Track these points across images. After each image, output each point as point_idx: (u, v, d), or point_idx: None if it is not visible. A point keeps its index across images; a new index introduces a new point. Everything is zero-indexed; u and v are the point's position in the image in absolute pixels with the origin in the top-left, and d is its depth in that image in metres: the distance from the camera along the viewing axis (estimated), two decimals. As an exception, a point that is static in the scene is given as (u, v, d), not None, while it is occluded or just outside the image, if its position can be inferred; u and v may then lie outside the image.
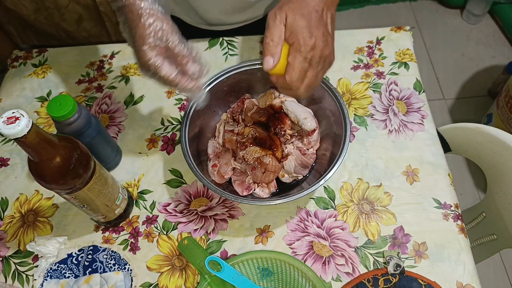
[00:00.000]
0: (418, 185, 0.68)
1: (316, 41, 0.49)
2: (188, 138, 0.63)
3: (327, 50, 0.51)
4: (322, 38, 0.49)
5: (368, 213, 0.66)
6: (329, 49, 0.51)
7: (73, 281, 0.62)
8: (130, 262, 0.63)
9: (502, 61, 1.81)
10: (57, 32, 1.49)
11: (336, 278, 0.61)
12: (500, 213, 0.76)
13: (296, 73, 0.50)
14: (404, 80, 0.79)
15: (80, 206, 0.58)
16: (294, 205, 0.67)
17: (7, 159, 0.74)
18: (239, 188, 0.64)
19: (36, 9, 1.40)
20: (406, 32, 0.86)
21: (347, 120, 0.62)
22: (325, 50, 0.50)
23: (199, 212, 0.67)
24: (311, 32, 0.49)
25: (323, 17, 0.51)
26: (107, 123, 0.77)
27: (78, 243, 0.65)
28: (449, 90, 1.78)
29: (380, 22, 1.98)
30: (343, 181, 0.69)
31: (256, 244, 0.64)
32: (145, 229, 0.66)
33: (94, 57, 0.86)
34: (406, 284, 0.58)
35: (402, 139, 0.72)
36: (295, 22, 0.49)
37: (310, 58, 0.49)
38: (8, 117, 0.43)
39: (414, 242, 0.63)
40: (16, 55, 0.87)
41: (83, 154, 0.53)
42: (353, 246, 0.63)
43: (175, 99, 0.79)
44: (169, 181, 0.70)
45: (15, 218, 0.68)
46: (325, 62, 0.52)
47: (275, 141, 0.65)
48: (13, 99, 0.81)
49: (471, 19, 1.95)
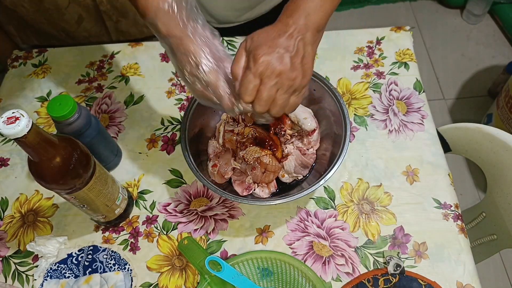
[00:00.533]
0: (418, 185, 0.68)
1: (268, 58, 0.45)
2: (188, 138, 0.63)
3: (281, 67, 0.45)
4: (276, 55, 0.45)
5: (368, 213, 0.66)
6: (285, 66, 0.46)
7: (73, 281, 0.62)
8: (130, 262, 0.63)
9: (502, 61, 1.81)
10: (57, 32, 1.49)
11: (336, 278, 0.61)
12: (500, 213, 0.76)
13: (244, 88, 0.46)
14: (404, 80, 0.79)
15: (80, 206, 0.58)
16: (294, 205, 0.67)
17: (7, 159, 0.74)
18: (239, 188, 0.64)
19: (36, 10, 1.40)
20: (406, 32, 0.86)
21: (347, 120, 0.62)
22: (278, 67, 0.45)
23: (199, 212, 0.67)
24: (262, 50, 0.45)
25: (289, 38, 0.46)
26: (107, 123, 0.77)
27: (78, 243, 0.65)
28: (449, 90, 1.78)
29: (380, 22, 1.98)
30: (343, 181, 0.69)
31: (256, 244, 0.64)
32: (145, 229, 0.66)
33: (94, 57, 0.86)
34: (406, 284, 0.58)
35: (402, 139, 0.72)
36: (252, 43, 0.47)
37: (260, 73, 0.45)
38: (8, 117, 0.43)
39: (414, 242, 0.63)
40: (16, 55, 0.87)
41: (83, 154, 0.53)
42: (353, 246, 0.63)
43: (175, 99, 0.79)
44: (169, 181, 0.70)
45: (15, 218, 0.68)
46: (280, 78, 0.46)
47: (275, 141, 0.65)
48: (13, 99, 0.81)
49: (471, 19, 1.95)
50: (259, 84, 0.46)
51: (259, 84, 0.46)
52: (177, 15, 0.47)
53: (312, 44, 0.48)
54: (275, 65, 0.45)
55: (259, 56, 0.45)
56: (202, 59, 0.48)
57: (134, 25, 1.47)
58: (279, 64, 0.45)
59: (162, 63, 0.84)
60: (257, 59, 0.45)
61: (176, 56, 0.49)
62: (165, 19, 0.47)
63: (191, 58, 0.48)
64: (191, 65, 0.48)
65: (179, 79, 0.82)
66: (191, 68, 0.48)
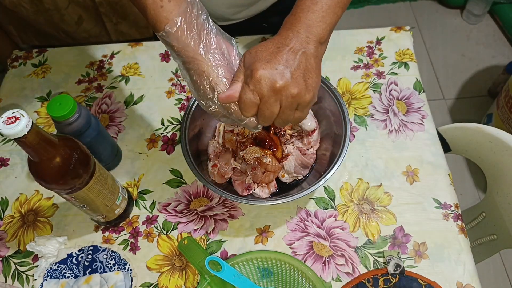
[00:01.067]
0: (418, 185, 0.68)
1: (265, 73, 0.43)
2: (188, 138, 0.63)
3: (281, 83, 0.43)
4: (275, 71, 0.43)
5: (368, 213, 0.66)
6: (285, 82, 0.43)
7: (73, 281, 0.62)
8: (130, 262, 0.63)
9: (502, 61, 1.81)
10: (57, 33, 1.49)
11: (336, 278, 0.61)
12: (500, 213, 0.76)
13: (243, 105, 0.45)
14: (404, 80, 0.79)
15: (80, 206, 0.58)
16: (294, 205, 0.67)
17: (7, 159, 0.74)
18: (239, 188, 0.64)
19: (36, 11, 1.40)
20: (406, 32, 0.86)
21: (347, 120, 0.62)
22: (278, 84, 0.43)
23: (199, 212, 0.67)
24: (259, 65, 0.43)
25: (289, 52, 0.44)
26: (107, 123, 0.77)
27: (78, 243, 0.65)
28: (449, 90, 1.78)
29: (380, 22, 1.98)
30: (343, 181, 0.69)
31: (256, 244, 0.64)
32: (145, 229, 0.66)
33: (94, 57, 0.86)
34: (406, 284, 0.58)
35: (402, 139, 0.72)
36: (250, 59, 0.45)
37: (258, 90, 0.44)
38: (8, 117, 0.43)
39: (414, 242, 0.63)
40: (16, 55, 0.87)
41: (83, 154, 0.53)
42: (353, 246, 0.63)
43: (175, 99, 0.79)
44: (169, 181, 0.70)
45: (15, 218, 0.68)
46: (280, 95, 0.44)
47: (275, 141, 0.65)
48: (13, 99, 0.81)
49: (471, 19, 1.95)
50: (258, 101, 0.44)
51: (258, 101, 0.44)
52: (187, 35, 0.45)
53: (315, 57, 0.46)
54: (274, 81, 0.43)
55: (256, 72, 0.43)
56: (217, 83, 0.45)
57: (134, 26, 1.47)
58: (279, 79, 0.43)
59: (162, 63, 0.84)
60: (254, 76, 0.43)
61: (191, 77, 0.47)
62: (176, 39, 0.45)
63: (206, 82, 0.46)
64: (205, 88, 0.46)
65: (179, 79, 0.82)
66: (205, 91, 0.46)
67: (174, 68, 0.83)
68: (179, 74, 0.82)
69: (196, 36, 0.45)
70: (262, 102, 0.44)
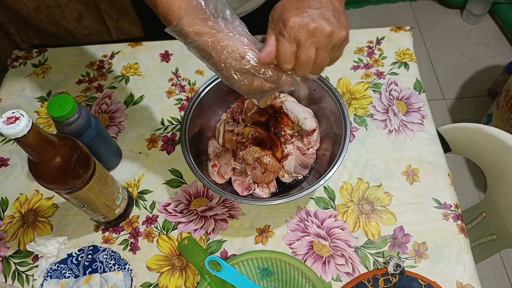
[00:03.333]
0: (418, 185, 0.68)
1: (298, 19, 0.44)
2: (188, 138, 0.63)
3: (314, 25, 0.44)
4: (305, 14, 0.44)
5: (368, 213, 0.66)
6: (318, 23, 0.44)
7: (73, 281, 0.62)
8: (130, 262, 0.63)
9: (502, 61, 1.81)
10: (57, 30, 1.50)
11: (336, 278, 0.61)
12: (500, 213, 0.76)
13: (282, 56, 0.46)
14: (404, 80, 0.79)
15: (80, 206, 0.58)
16: (294, 205, 0.67)
17: (7, 159, 0.74)
18: (239, 188, 0.64)
19: (36, 8, 1.40)
20: (406, 32, 0.86)
21: (347, 120, 0.62)
22: (312, 26, 0.44)
23: (199, 212, 0.67)
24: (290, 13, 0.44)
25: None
26: (107, 123, 0.77)
27: (78, 243, 0.65)
28: (449, 90, 1.78)
29: (380, 22, 1.98)
30: (343, 181, 0.69)
31: (256, 244, 0.64)
32: (145, 229, 0.66)
33: (94, 57, 0.86)
34: (406, 284, 0.58)
35: (402, 139, 0.72)
36: (277, 13, 0.46)
37: (294, 36, 0.44)
38: (8, 117, 0.43)
39: (414, 242, 0.63)
40: (16, 55, 0.87)
41: (83, 154, 0.53)
42: (353, 246, 0.63)
43: (175, 99, 0.79)
44: (169, 181, 0.70)
45: (15, 218, 0.68)
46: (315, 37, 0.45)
47: (275, 141, 0.65)
48: (13, 99, 0.81)
49: (471, 19, 1.95)
50: (296, 49, 0.45)
51: (296, 49, 0.45)
52: (206, 9, 0.45)
53: (339, 0, 0.47)
54: (307, 24, 0.44)
55: (289, 20, 0.44)
56: (246, 49, 0.46)
57: (134, 23, 1.48)
58: (311, 22, 0.44)
59: (162, 63, 0.84)
60: (287, 24, 0.44)
61: (213, 56, 0.46)
62: (193, 18, 0.45)
63: (234, 53, 0.45)
64: (236, 60, 0.46)
65: (179, 79, 0.82)
66: (235, 63, 0.46)
67: (174, 68, 0.83)
68: (179, 74, 0.82)
69: (214, 11, 0.45)
70: (299, 49, 0.45)
